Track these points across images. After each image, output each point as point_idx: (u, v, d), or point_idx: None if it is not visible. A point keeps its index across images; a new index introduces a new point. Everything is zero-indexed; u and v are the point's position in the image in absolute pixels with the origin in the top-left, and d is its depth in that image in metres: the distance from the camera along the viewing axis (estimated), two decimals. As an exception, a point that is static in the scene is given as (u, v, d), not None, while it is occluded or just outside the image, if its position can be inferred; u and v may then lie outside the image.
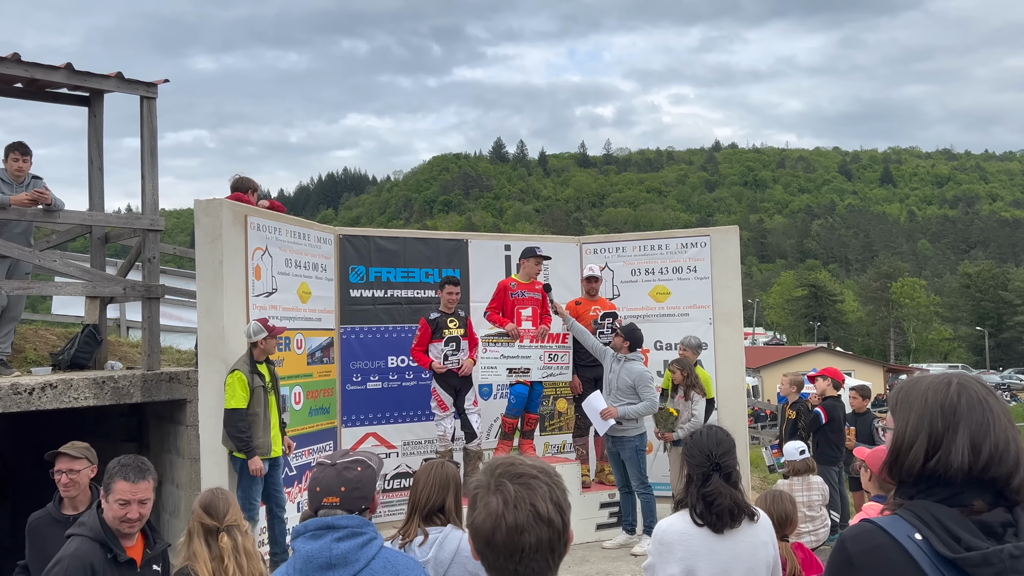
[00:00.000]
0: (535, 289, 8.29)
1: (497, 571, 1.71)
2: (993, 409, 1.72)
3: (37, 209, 7.28)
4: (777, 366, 43.35)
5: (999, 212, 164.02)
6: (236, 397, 6.39)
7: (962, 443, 1.69)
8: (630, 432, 7.51)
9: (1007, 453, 1.68)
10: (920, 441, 1.73)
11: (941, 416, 1.73)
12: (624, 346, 7.56)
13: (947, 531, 1.64)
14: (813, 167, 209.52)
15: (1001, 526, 1.65)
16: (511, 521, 1.66)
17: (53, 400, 6.80)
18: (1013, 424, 1.74)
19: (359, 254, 8.69)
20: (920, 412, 1.76)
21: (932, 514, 1.67)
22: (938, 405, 1.75)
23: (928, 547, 1.64)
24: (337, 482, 2.58)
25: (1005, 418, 1.72)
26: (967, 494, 1.68)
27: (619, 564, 7.15)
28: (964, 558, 1.60)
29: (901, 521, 1.70)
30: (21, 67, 7.29)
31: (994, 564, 1.60)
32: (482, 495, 1.72)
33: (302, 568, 2.45)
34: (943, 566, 1.62)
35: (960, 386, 1.76)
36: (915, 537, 1.66)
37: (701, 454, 3.22)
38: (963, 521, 1.65)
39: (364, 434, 8.60)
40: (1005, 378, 63.59)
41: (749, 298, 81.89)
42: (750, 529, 3.21)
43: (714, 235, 9.49)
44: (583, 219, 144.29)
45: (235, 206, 7.09)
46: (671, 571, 3.14)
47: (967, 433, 1.70)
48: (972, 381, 1.79)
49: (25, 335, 8.46)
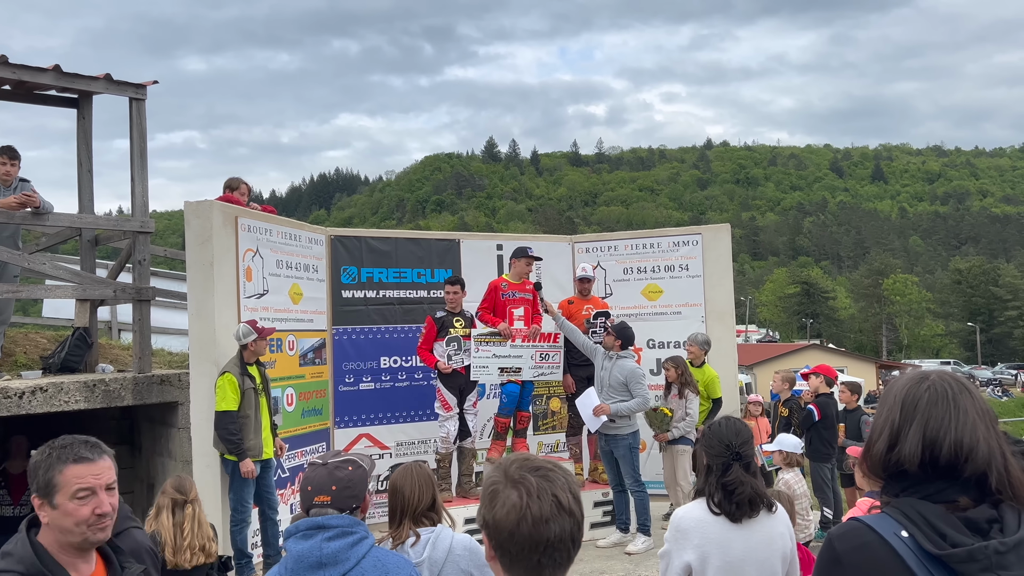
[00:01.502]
0: (526, 289, 8.29)
1: (518, 565, 1.68)
2: (960, 405, 1.73)
3: (26, 212, 7.24)
4: (770, 363, 43.47)
5: (989, 208, 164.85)
6: (227, 399, 6.37)
7: (915, 437, 1.72)
8: (623, 430, 7.51)
9: (974, 451, 1.68)
10: (884, 433, 1.78)
11: (902, 410, 1.77)
12: (615, 344, 7.57)
13: (933, 528, 1.65)
14: (804, 164, 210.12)
15: (987, 522, 1.66)
16: (536, 512, 1.65)
17: (43, 404, 6.77)
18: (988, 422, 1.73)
19: (351, 255, 8.67)
20: (890, 406, 1.80)
21: (918, 511, 1.68)
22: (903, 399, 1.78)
23: (914, 544, 1.65)
24: (328, 481, 2.58)
25: (976, 415, 1.72)
26: (951, 491, 1.69)
27: (612, 563, 7.16)
28: (950, 554, 1.61)
29: (888, 519, 1.71)
30: (9, 69, 7.25)
31: (979, 560, 1.60)
32: (501, 490, 1.70)
33: (293, 568, 2.45)
34: (929, 563, 1.63)
35: (931, 382, 1.78)
36: (901, 534, 1.67)
37: (721, 444, 3.22)
38: (949, 518, 1.66)
39: (357, 435, 8.59)
40: (996, 373, 63.91)
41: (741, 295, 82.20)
42: (768, 520, 3.21)
43: (706, 233, 9.51)
44: (575, 218, 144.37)
45: (225, 207, 7.07)
46: (686, 558, 3.16)
47: (921, 428, 1.72)
48: (948, 377, 1.80)
49: (15, 338, 8.42)
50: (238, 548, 6.47)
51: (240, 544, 6.47)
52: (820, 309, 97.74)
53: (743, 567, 3.13)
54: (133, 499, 8.41)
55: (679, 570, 3.17)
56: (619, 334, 7.59)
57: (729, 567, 3.12)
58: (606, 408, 7.43)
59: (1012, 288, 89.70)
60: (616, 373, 7.51)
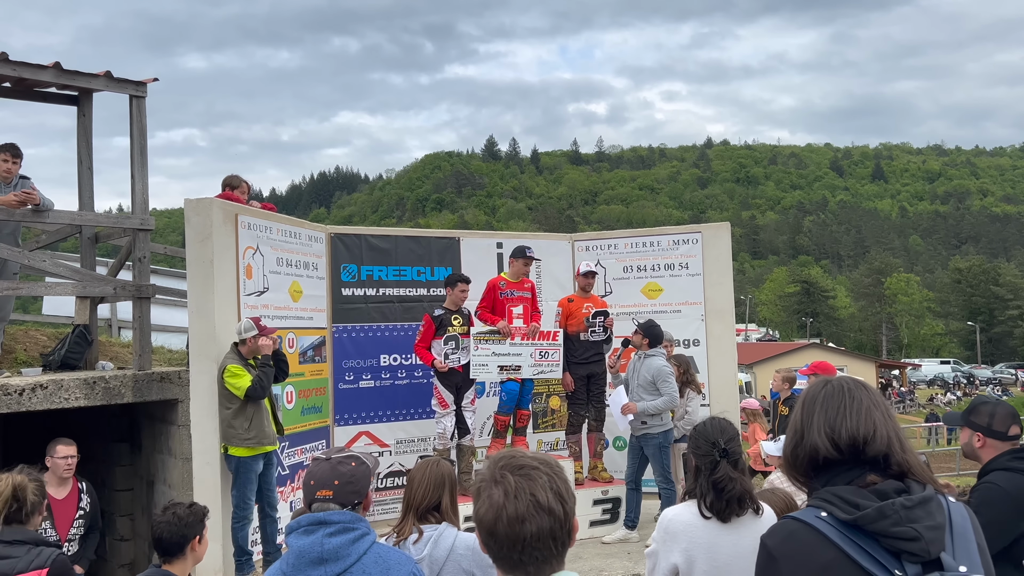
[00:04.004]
0: (524, 288, 8.31)
1: (502, 562, 1.75)
2: (856, 397, 1.93)
3: (26, 209, 7.24)
4: (769, 362, 43.47)
5: (990, 208, 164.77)
6: (241, 379, 6.36)
7: (818, 426, 1.92)
8: (654, 429, 7.50)
9: (872, 434, 1.87)
10: (791, 435, 1.99)
11: (803, 409, 1.99)
12: (644, 343, 7.58)
13: (846, 502, 1.80)
14: (805, 163, 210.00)
15: (895, 492, 1.80)
16: (512, 511, 1.69)
17: (44, 401, 6.77)
18: (883, 412, 1.92)
19: (351, 253, 8.67)
20: (795, 411, 2.04)
21: (833, 492, 1.84)
22: (804, 400, 2.01)
23: (833, 519, 1.79)
24: (331, 475, 2.59)
25: (871, 405, 1.91)
26: (864, 475, 1.85)
27: (612, 561, 7.15)
28: (861, 516, 1.75)
29: (809, 508, 1.87)
30: (9, 66, 7.25)
31: (889, 516, 1.74)
32: (485, 487, 1.75)
33: (295, 563, 2.45)
34: (850, 532, 1.76)
35: (829, 383, 2.00)
36: (821, 515, 1.81)
37: (707, 443, 3.23)
38: (860, 491, 1.82)
39: (357, 433, 8.59)
40: (996, 372, 63.91)
41: (741, 294, 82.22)
42: (755, 523, 3.21)
43: (706, 232, 9.51)
44: (575, 217, 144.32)
45: (226, 205, 7.07)
46: (673, 559, 3.17)
47: (822, 418, 1.92)
48: (846, 378, 2.03)
49: (15, 336, 8.42)
50: (239, 545, 6.48)
51: (241, 541, 6.47)
52: (820, 308, 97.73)
53: (729, 571, 3.14)
54: (133, 496, 8.43)
55: (665, 571, 3.19)
56: (646, 332, 7.59)
57: (716, 571, 3.13)
58: (633, 407, 7.44)
59: (1012, 287, 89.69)
60: (644, 372, 7.50)
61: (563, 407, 9.17)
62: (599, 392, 8.40)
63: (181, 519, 3.55)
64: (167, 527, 3.53)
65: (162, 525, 3.54)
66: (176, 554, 3.55)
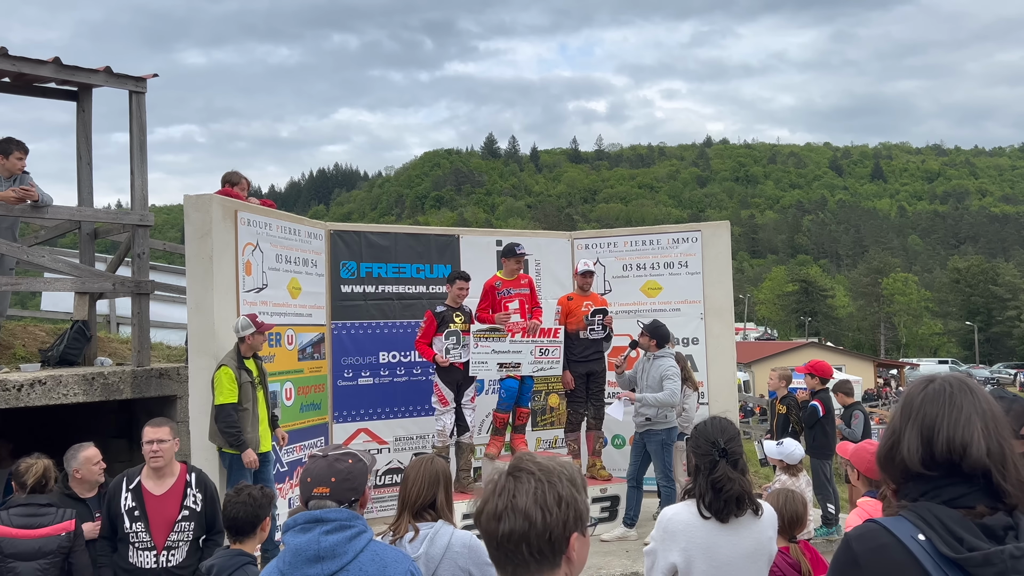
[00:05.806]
0: (521, 284, 8.32)
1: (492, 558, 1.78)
2: (955, 403, 1.77)
3: (25, 205, 7.23)
4: (768, 361, 43.46)
5: (988, 207, 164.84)
6: (224, 392, 6.36)
7: (911, 436, 1.78)
8: (657, 425, 7.52)
9: (969, 447, 1.71)
10: (888, 438, 1.85)
11: (902, 412, 1.84)
12: (651, 344, 7.60)
13: (950, 532, 1.68)
14: (804, 163, 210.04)
15: (1003, 529, 1.69)
16: (491, 508, 1.73)
17: (42, 396, 6.77)
18: (988, 420, 1.75)
19: (350, 250, 8.66)
20: (895, 412, 1.89)
21: (935, 515, 1.70)
22: (904, 402, 1.86)
23: (931, 547, 1.67)
24: (328, 472, 2.58)
25: (973, 413, 1.75)
26: (969, 497, 1.72)
27: (610, 559, 7.16)
28: (967, 558, 1.64)
29: (905, 522, 1.73)
30: (8, 61, 7.24)
31: (995, 564, 1.63)
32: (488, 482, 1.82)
33: (291, 561, 2.45)
34: (946, 566, 1.66)
35: (932, 384, 1.84)
36: (918, 538, 1.69)
37: (707, 442, 3.22)
38: (965, 523, 1.69)
39: (355, 430, 8.59)
40: (994, 372, 63.93)
41: (740, 293, 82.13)
42: (755, 524, 3.21)
43: (705, 230, 9.50)
44: (575, 215, 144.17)
45: (225, 201, 7.06)
46: (672, 559, 3.17)
47: (917, 426, 1.78)
48: (950, 378, 1.85)
49: (14, 331, 8.42)
50: (236, 542, 6.47)
51: (238, 538, 6.46)
52: (818, 307, 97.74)
53: (728, 571, 3.14)
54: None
55: (664, 570, 3.19)
56: (653, 334, 7.61)
57: (715, 571, 3.13)
58: (631, 394, 7.49)
59: (1011, 287, 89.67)
60: (653, 372, 7.53)
61: (562, 405, 9.17)
62: (598, 390, 8.41)
63: (256, 500, 3.85)
64: (242, 507, 3.81)
65: (237, 506, 3.83)
66: (248, 533, 3.84)
